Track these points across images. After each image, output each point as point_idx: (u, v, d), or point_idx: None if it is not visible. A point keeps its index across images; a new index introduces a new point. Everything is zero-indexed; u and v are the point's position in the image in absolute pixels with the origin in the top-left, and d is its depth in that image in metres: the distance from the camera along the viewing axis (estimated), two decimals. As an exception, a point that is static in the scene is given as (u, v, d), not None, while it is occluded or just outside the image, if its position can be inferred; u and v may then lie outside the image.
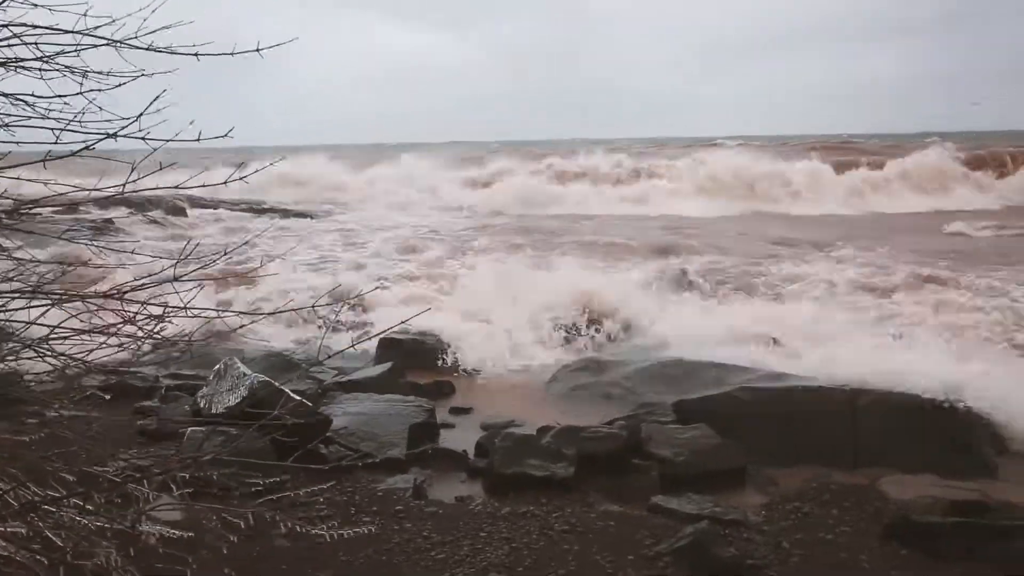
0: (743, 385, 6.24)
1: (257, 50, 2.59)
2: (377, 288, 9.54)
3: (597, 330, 9.01)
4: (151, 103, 2.46)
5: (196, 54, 2.60)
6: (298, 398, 5.43)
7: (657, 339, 8.40)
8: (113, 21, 2.59)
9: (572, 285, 9.67)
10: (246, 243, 4.06)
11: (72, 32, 2.58)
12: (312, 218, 22.02)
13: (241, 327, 2.95)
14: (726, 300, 10.25)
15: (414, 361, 7.92)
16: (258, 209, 23.19)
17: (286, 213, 22.56)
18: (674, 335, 8.29)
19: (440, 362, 8.20)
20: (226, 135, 2.62)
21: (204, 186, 2.74)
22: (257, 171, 2.86)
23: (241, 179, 2.70)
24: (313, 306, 3.27)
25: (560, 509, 4.65)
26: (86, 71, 2.66)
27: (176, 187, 2.81)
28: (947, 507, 4.67)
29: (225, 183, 2.77)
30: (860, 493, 4.97)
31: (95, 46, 2.62)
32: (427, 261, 13.61)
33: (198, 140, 2.53)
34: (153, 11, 2.55)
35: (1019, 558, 4.10)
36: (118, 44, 2.59)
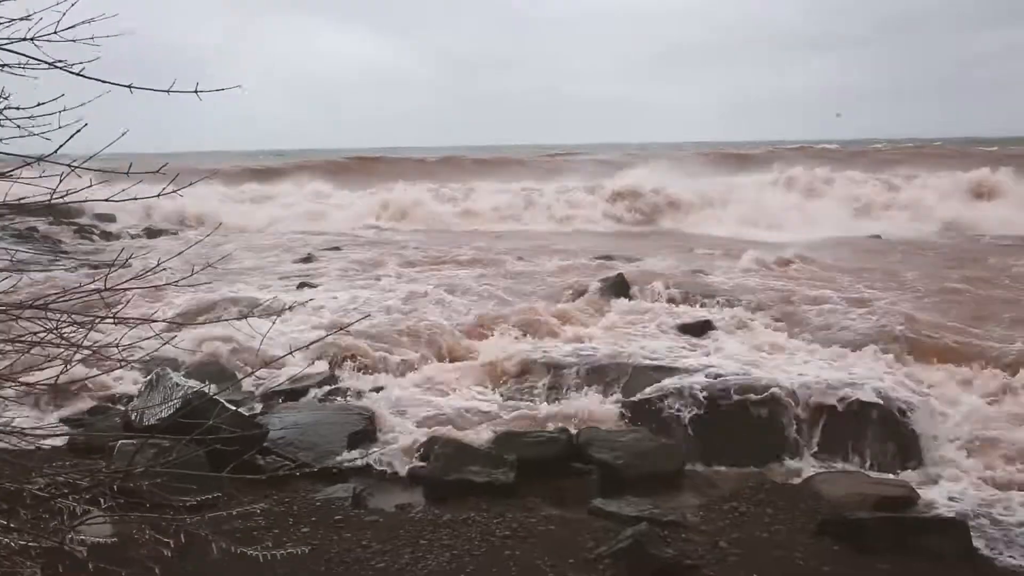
0: (681, 386, 6.31)
1: (195, 91, 2.51)
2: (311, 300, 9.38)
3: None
4: (72, 135, 2.38)
5: (130, 86, 2.50)
6: (234, 408, 5.33)
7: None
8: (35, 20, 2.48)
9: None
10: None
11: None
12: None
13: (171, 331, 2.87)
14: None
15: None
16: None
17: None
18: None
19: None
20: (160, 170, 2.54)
21: (135, 199, 2.65)
22: (192, 184, 2.78)
23: (175, 192, 2.63)
24: (247, 316, 3.21)
25: (501, 515, 4.65)
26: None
27: (107, 199, 2.71)
28: (876, 503, 4.83)
29: (158, 196, 2.70)
30: (794, 492, 5.11)
31: (21, 61, 2.51)
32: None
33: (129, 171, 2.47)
34: (73, 4, 2.43)
35: (942, 549, 4.28)
36: (49, 64, 2.48)
